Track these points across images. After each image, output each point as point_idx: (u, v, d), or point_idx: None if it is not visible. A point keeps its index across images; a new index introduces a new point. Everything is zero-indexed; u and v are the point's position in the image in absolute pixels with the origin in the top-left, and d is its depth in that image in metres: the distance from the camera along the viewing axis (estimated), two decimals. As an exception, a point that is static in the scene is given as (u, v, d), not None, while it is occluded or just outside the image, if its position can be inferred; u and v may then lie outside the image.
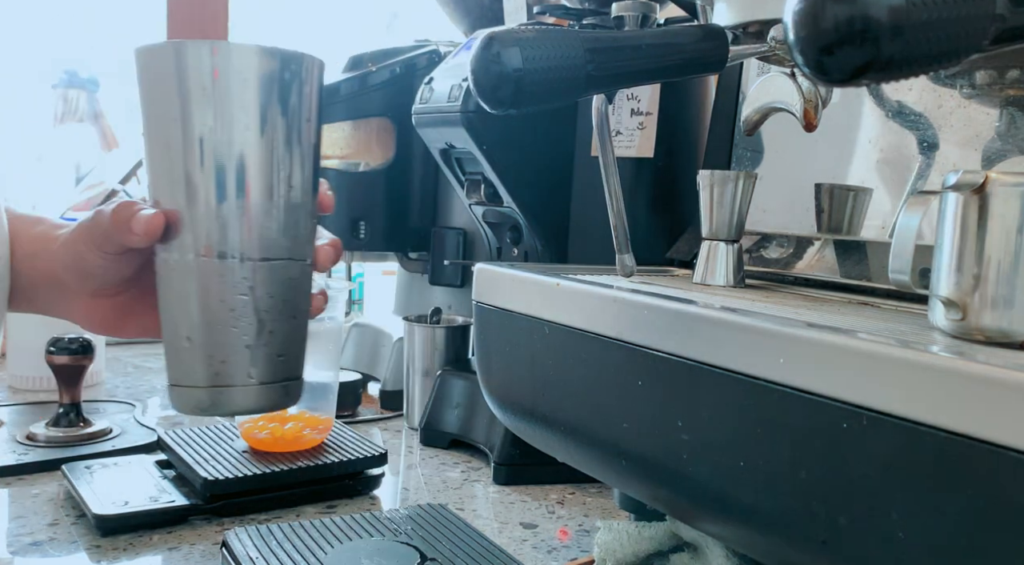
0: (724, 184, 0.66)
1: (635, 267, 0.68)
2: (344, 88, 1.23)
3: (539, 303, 0.63)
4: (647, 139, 0.87)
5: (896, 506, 0.38)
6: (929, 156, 0.63)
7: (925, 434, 0.37)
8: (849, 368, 0.41)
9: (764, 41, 0.58)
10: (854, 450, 0.40)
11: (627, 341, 0.54)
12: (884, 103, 0.66)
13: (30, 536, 0.76)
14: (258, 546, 0.71)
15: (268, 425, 0.94)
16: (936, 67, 0.40)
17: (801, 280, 0.69)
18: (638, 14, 0.66)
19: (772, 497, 0.45)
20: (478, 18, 1.17)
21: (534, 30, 0.53)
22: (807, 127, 0.59)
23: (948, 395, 0.37)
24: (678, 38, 0.58)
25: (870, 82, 0.39)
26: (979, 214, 0.44)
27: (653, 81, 0.77)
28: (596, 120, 0.65)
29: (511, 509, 0.87)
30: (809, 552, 0.43)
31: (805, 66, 0.39)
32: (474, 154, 0.96)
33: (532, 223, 0.97)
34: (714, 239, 0.67)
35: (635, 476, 0.57)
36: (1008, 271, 0.43)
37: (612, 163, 0.66)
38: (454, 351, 1.12)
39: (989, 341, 0.44)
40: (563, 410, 0.61)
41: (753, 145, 0.77)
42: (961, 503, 0.36)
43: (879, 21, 0.37)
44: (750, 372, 0.45)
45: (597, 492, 0.92)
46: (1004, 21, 0.42)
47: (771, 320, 0.47)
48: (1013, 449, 0.34)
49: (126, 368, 1.41)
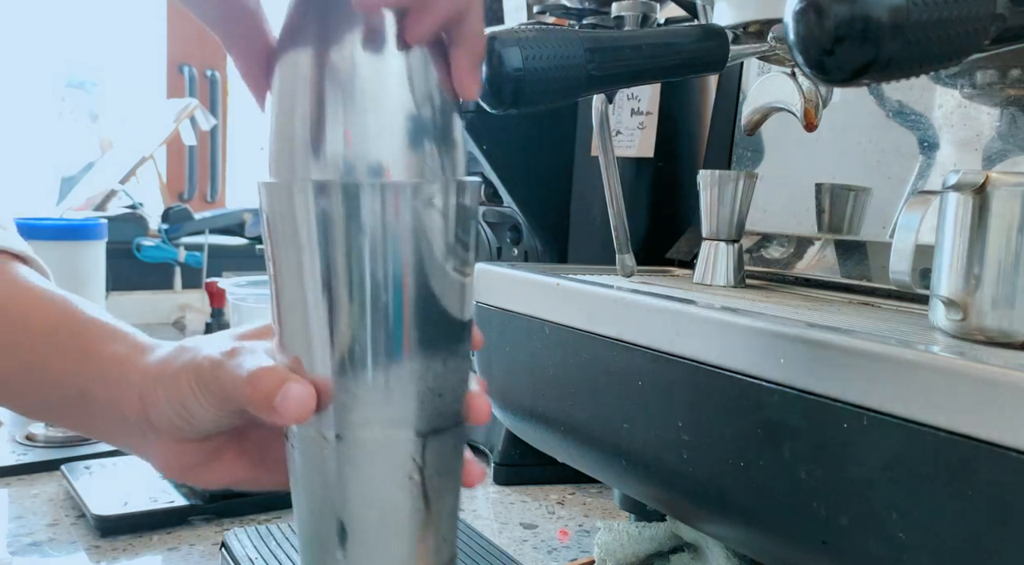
0: (724, 184, 0.65)
1: (635, 267, 0.68)
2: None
3: (539, 303, 0.63)
4: (647, 139, 0.87)
5: (896, 506, 0.38)
6: (930, 156, 0.63)
7: (925, 434, 0.37)
8: (849, 368, 0.41)
9: (764, 41, 0.58)
10: (854, 450, 0.40)
11: (627, 341, 0.54)
12: (885, 103, 0.66)
13: (29, 536, 0.76)
14: (258, 546, 0.71)
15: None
16: (937, 67, 0.40)
17: (801, 280, 0.69)
18: (638, 14, 0.66)
19: (772, 497, 0.45)
20: (478, 18, 1.16)
21: (534, 30, 0.53)
22: (807, 127, 0.59)
23: (948, 395, 0.37)
24: (678, 38, 0.58)
25: (871, 82, 0.39)
26: (980, 214, 0.44)
27: (653, 81, 0.77)
28: (596, 120, 0.65)
29: (511, 509, 0.87)
30: (809, 552, 0.43)
31: (806, 66, 0.39)
32: (474, 154, 0.96)
33: (532, 223, 0.97)
34: (714, 239, 0.66)
35: (635, 476, 0.56)
36: (1009, 271, 0.43)
37: (612, 163, 0.66)
38: (454, 351, 1.12)
39: (990, 341, 0.44)
40: (563, 410, 0.61)
41: (753, 145, 0.77)
42: (961, 503, 0.36)
43: (880, 21, 0.37)
44: (750, 372, 0.45)
45: (597, 492, 0.91)
46: (1004, 21, 0.42)
47: (771, 320, 0.47)
48: (1013, 449, 0.34)
49: (126, 368, 1.40)
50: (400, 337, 0.38)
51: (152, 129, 1.92)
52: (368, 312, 0.38)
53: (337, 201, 0.37)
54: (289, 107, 0.38)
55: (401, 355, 0.38)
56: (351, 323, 0.38)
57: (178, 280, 1.75)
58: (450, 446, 0.40)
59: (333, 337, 0.38)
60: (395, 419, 0.38)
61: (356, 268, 0.37)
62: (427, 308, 0.38)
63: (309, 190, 0.37)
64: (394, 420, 0.38)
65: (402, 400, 0.38)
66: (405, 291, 0.38)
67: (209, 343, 0.44)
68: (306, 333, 0.39)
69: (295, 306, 0.39)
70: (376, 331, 0.38)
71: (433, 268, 0.38)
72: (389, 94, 0.37)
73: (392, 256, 0.37)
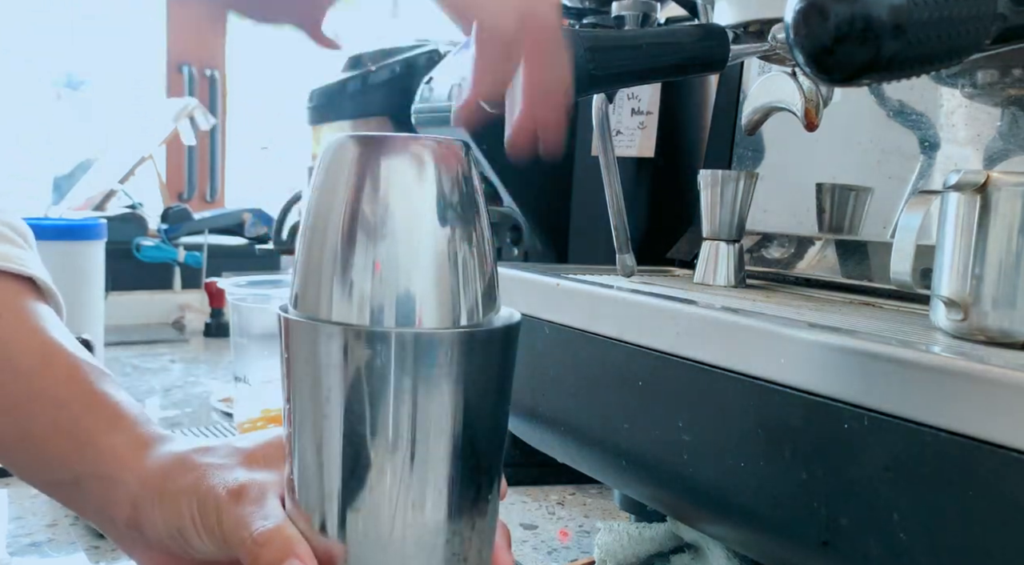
0: (725, 184, 0.65)
1: (635, 267, 0.68)
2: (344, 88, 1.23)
3: (539, 303, 0.63)
4: (647, 139, 0.87)
5: (897, 507, 0.38)
6: (930, 156, 0.63)
7: (926, 434, 0.37)
8: (849, 368, 0.41)
9: (765, 40, 0.58)
10: (855, 450, 0.40)
11: (627, 341, 0.54)
12: (885, 102, 0.66)
13: (29, 537, 0.76)
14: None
15: (268, 426, 0.93)
16: (937, 66, 0.40)
17: (802, 280, 0.69)
18: (639, 13, 0.66)
19: (773, 498, 0.45)
20: (478, 18, 1.16)
21: (534, 29, 0.53)
22: (808, 127, 0.59)
23: (948, 395, 0.36)
24: (679, 37, 0.58)
25: (871, 81, 0.39)
26: (980, 214, 0.44)
27: (654, 80, 0.77)
28: (596, 120, 0.65)
29: (511, 510, 0.86)
30: (810, 553, 0.43)
31: (806, 65, 0.39)
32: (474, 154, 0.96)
33: (532, 223, 0.97)
34: (715, 239, 0.66)
35: (635, 477, 0.56)
36: (1010, 271, 0.43)
37: (612, 163, 0.66)
38: (454, 351, 1.12)
39: (990, 341, 0.44)
40: (563, 410, 0.61)
41: (754, 145, 0.77)
42: (962, 504, 0.36)
43: (880, 20, 0.37)
44: (750, 372, 0.45)
45: (597, 493, 0.91)
46: (1005, 20, 0.42)
47: (772, 320, 0.46)
48: (1013, 449, 0.34)
49: (125, 368, 1.41)
50: (425, 501, 0.35)
51: (151, 129, 1.92)
52: (392, 474, 0.34)
53: (371, 351, 0.33)
54: (321, 240, 0.35)
55: (426, 522, 0.35)
56: (372, 485, 0.34)
57: (177, 280, 1.75)
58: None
59: (350, 501, 0.35)
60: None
61: (381, 424, 0.34)
62: (458, 468, 0.35)
63: (337, 335, 0.34)
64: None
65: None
66: (439, 449, 0.35)
67: (214, 462, 0.41)
68: (320, 490, 0.36)
69: (311, 455, 0.36)
70: (400, 495, 0.35)
71: (468, 423, 0.35)
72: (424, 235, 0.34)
73: (422, 412, 0.34)
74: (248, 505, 0.39)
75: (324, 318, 0.35)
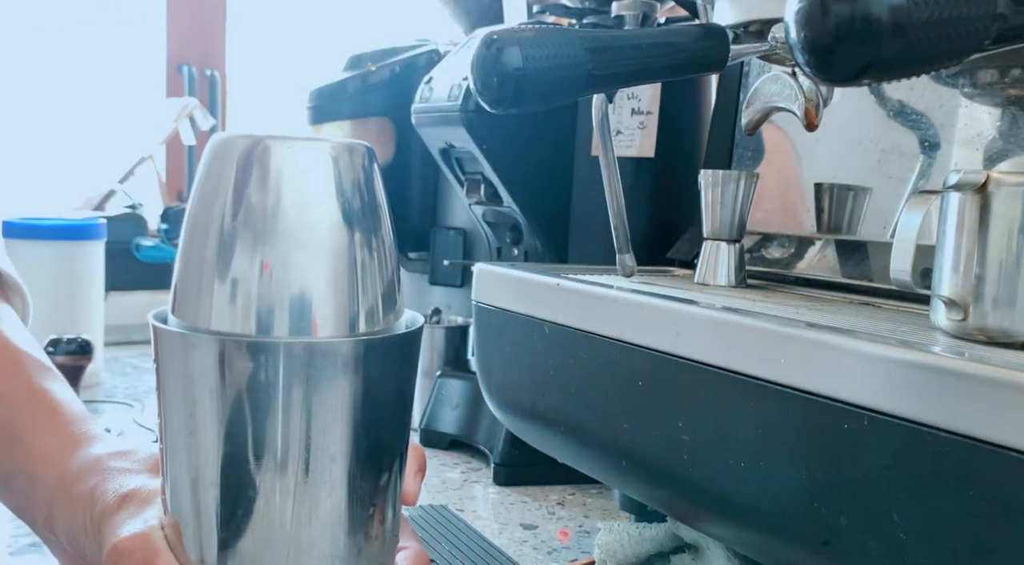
0: (725, 184, 0.65)
1: (635, 267, 0.68)
2: (344, 88, 1.23)
3: (539, 303, 0.63)
4: (647, 139, 0.87)
5: (897, 506, 0.38)
6: (930, 155, 0.63)
7: (925, 434, 0.37)
8: (849, 368, 0.41)
9: (765, 40, 0.58)
10: (855, 450, 0.40)
11: (627, 341, 0.54)
12: (885, 102, 0.66)
13: (29, 537, 0.76)
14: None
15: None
16: (937, 66, 0.40)
17: (802, 280, 0.69)
18: (638, 13, 0.66)
19: (773, 498, 0.45)
20: (478, 17, 1.16)
21: (534, 29, 0.53)
22: (808, 127, 0.59)
23: (948, 395, 0.36)
24: (679, 37, 0.58)
25: (871, 81, 0.39)
26: (980, 214, 0.44)
27: (654, 80, 0.77)
28: (596, 119, 0.65)
29: (511, 510, 0.86)
30: (810, 553, 0.43)
31: (806, 65, 0.39)
32: (474, 154, 0.96)
33: (532, 223, 0.97)
34: (715, 239, 0.66)
35: (635, 476, 0.56)
36: (1010, 271, 0.43)
37: (612, 163, 0.66)
38: (454, 351, 1.12)
39: (990, 341, 0.44)
40: (563, 410, 0.61)
41: (754, 145, 0.77)
42: (962, 503, 0.36)
43: (880, 20, 0.37)
44: (750, 372, 0.45)
45: (597, 493, 0.91)
46: (1005, 20, 0.42)
47: (772, 320, 0.46)
48: (1013, 449, 0.34)
49: (125, 368, 1.41)
50: (315, 526, 0.31)
51: (151, 128, 1.92)
52: (279, 500, 0.31)
53: (255, 363, 0.30)
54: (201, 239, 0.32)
55: (317, 548, 0.31)
56: (257, 513, 0.31)
57: (177, 280, 1.74)
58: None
59: (230, 531, 0.31)
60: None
61: (267, 447, 0.30)
62: (355, 490, 0.32)
63: (213, 346, 0.30)
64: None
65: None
66: (334, 472, 0.31)
67: (121, 467, 0.39)
68: (196, 518, 0.32)
69: (182, 471, 0.32)
70: (289, 522, 0.31)
71: (367, 439, 0.31)
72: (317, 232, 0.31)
73: (315, 431, 0.31)
74: (126, 511, 0.36)
75: (202, 327, 0.31)
